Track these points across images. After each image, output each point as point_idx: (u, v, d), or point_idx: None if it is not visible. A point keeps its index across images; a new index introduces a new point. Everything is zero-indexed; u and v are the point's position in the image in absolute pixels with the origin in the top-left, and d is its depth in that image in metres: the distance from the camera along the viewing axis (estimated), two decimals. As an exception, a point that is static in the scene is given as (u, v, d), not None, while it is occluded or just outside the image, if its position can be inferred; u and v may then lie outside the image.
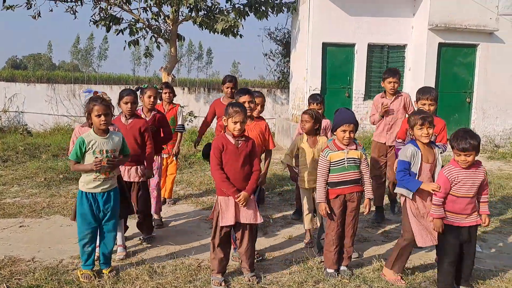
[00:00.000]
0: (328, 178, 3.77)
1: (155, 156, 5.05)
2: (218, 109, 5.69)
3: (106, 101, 3.65)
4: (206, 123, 5.93)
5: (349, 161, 3.74)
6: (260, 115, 4.63)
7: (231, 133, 3.64)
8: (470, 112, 11.21)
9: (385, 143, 5.37)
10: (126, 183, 4.27)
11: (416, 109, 4.62)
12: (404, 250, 3.68)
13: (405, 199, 3.63)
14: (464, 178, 3.36)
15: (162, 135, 5.09)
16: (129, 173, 4.39)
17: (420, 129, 3.55)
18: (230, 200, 3.61)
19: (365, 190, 3.84)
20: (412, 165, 3.57)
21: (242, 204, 3.59)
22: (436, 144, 3.90)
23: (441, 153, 3.79)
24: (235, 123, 3.57)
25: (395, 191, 3.79)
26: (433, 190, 3.41)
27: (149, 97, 4.92)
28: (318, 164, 3.84)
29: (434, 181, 3.54)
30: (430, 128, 3.55)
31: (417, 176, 3.54)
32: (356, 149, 3.80)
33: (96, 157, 3.56)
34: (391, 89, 5.29)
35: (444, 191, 3.38)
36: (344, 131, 3.70)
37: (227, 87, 5.49)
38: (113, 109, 3.80)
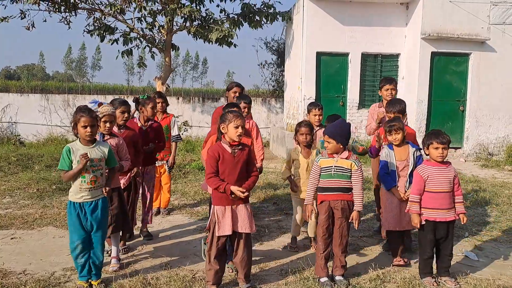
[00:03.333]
0: (318, 183, 3.85)
1: (150, 166, 5.10)
2: None
3: (93, 112, 3.64)
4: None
5: (336, 169, 3.75)
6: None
7: (227, 141, 3.59)
8: (464, 120, 11.28)
9: None
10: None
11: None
12: (390, 237, 4.30)
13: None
14: (437, 175, 3.74)
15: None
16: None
17: (390, 135, 4.23)
18: (226, 209, 3.58)
19: (354, 201, 3.78)
20: (389, 163, 4.25)
21: (235, 196, 3.52)
22: (413, 144, 4.37)
23: (420, 149, 4.26)
24: (236, 127, 3.53)
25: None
26: (400, 197, 4.14)
27: (152, 108, 5.11)
28: (312, 169, 3.94)
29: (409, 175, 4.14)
30: (397, 133, 4.18)
31: (396, 171, 4.22)
32: (347, 158, 3.78)
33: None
34: (387, 95, 5.29)
35: (418, 188, 3.78)
36: None
37: (234, 92, 5.36)
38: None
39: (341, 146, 3.77)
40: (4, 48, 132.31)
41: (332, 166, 3.76)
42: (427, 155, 3.84)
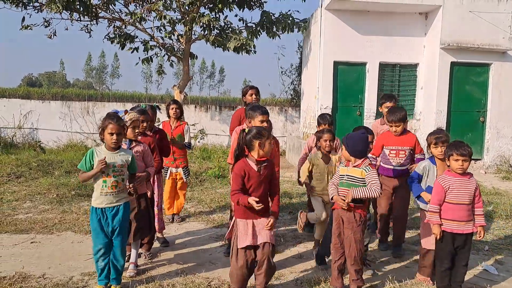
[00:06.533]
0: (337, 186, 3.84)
1: (156, 175, 5.01)
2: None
3: (121, 120, 3.72)
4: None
5: (348, 178, 3.72)
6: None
7: (254, 158, 3.54)
8: (484, 131, 11.08)
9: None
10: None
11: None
12: (427, 255, 4.07)
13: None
14: (458, 186, 3.64)
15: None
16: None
17: (435, 147, 4.03)
18: (248, 223, 3.54)
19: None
20: (427, 178, 4.06)
21: (269, 227, 3.51)
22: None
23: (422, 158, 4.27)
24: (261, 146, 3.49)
25: (420, 207, 4.16)
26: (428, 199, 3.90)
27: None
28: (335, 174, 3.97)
29: None
30: (443, 146, 3.95)
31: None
32: (358, 166, 3.70)
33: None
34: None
35: (438, 198, 3.68)
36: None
37: (250, 94, 5.40)
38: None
39: (351, 157, 3.74)
40: (27, 56, 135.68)
41: (344, 175, 3.77)
42: (448, 166, 3.76)
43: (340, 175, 3.80)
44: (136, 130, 4.18)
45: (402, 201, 4.84)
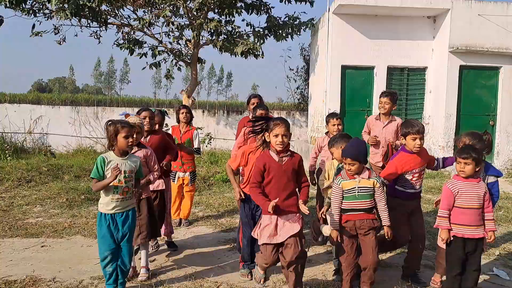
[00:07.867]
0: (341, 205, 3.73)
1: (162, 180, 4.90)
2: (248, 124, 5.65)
3: (128, 123, 3.74)
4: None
5: (360, 190, 3.65)
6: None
7: (275, 149, 3.55)
8: (494, 135, 10.97)
9: (382, 167, 5.19)
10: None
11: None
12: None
13: None
14: (467, 190, 3.58)
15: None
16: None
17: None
18: (272, 220, 3.56)
19: (381, 217, 3.67)
20: None
21: (305, 210, 3.51)
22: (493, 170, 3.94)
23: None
24: (276, 136, 3.50)
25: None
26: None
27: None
28: (332, 192, 3.77)
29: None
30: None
31: None
32: (368, 177, 3.67)
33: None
34: (380, 107, 5.43)
35: (447, 203, 3.63)
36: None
37: (253, 103, 5.54)
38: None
39: (364, 166, 3.68)
40: (37, 61, 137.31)
41: (355, 188, 3.66)
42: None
43: (349, 189, 3.67)
44: (134, 136, 4.04)
45: (420, 220, 4.27)
